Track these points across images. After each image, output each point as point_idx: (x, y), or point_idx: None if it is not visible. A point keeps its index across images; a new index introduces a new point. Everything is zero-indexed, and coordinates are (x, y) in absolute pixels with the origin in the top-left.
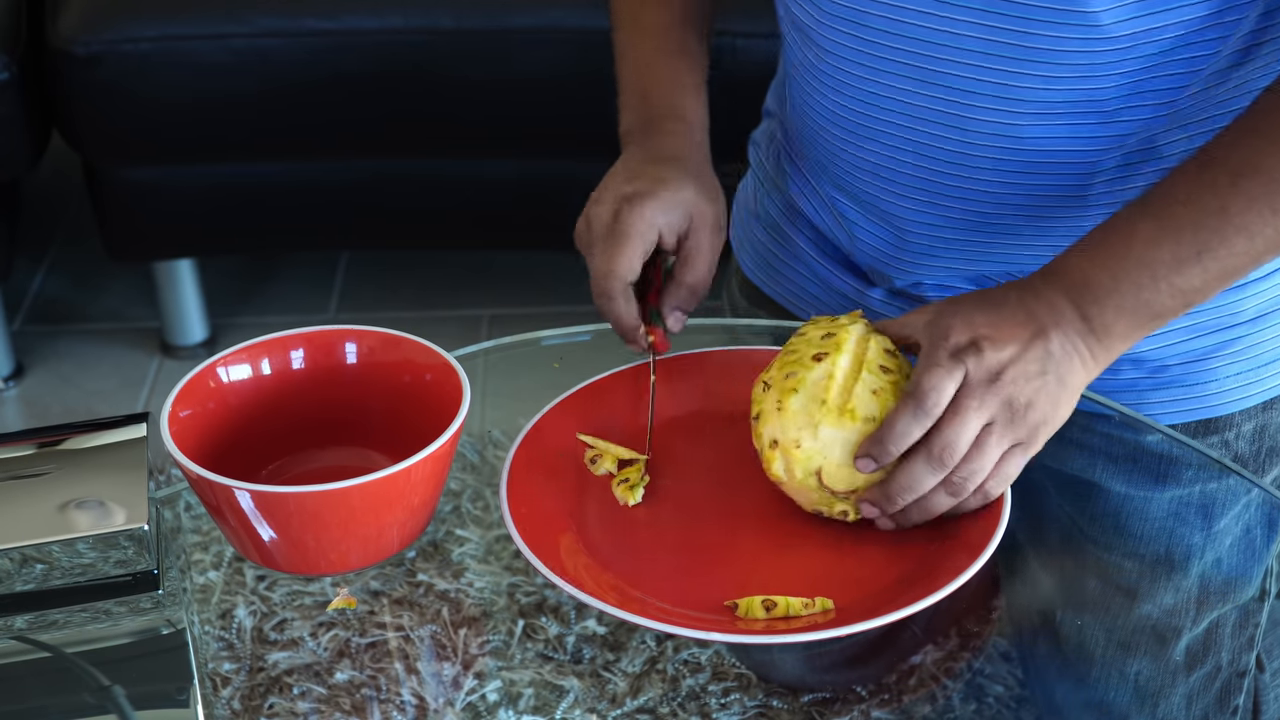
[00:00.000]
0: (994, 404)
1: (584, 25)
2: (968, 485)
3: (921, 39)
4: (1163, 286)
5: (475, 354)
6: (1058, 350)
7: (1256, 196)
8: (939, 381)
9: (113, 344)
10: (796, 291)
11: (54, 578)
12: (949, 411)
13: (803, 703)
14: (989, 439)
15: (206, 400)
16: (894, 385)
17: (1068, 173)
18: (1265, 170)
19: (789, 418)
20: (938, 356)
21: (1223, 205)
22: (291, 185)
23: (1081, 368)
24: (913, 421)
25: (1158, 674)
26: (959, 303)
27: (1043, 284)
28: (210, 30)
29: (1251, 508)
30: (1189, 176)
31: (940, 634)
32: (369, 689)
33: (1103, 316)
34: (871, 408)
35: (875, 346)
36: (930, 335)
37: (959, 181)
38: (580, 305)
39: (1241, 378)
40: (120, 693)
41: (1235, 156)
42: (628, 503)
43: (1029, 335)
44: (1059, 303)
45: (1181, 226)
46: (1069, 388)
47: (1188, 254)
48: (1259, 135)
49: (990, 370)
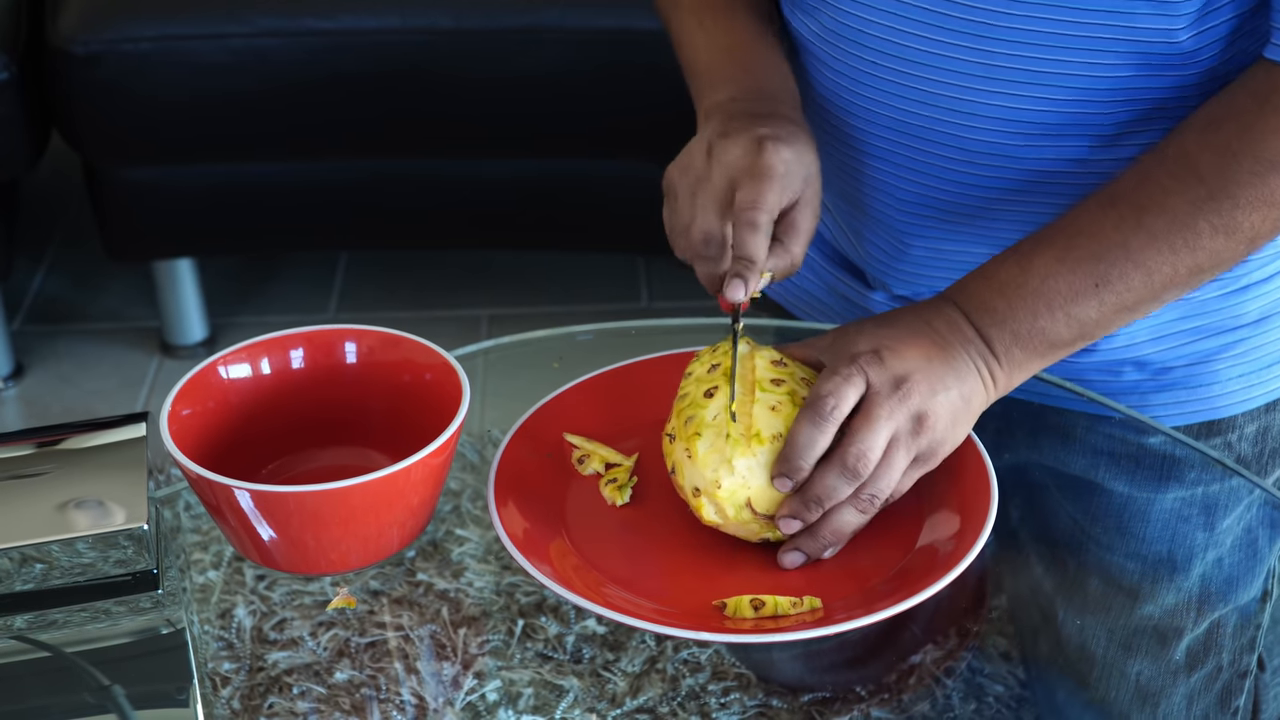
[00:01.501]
0: (902, 415)
1: (584, 25)
2: (876, 502)
3: (920, 61)
4: (1059, 316)
5: (475, 354)
6: (960, 366)
7: (1158, 234)
8: (836, 387)
9: (112, 344)
10: (799, 294)
11: (54, 577)
12: (860, 419)
13: (802, 702)
14: (896, 452)
15: (206, 400)
16: (790, 395)
17: (1067, 187)
18: (1169, 209)
19: (701, 462)
20: (836, 365)
21: (1124, 240)
22: (291, 185)
23: (983, 389)
24: (814, 431)
25: (1159, 674)
26: (862, 321)
27: (944, 303)
28: (210, 30)
29: (1253, 509)
30: (1094, 209)
31: (940, 633)
32: (369, 689)
33: (1002, 341)
34: (775, 425)
35: (761, 362)
36: (832, 349)
37: (960, 198)
38: (580, 305)
39: (1244, 380)
40: (120, 693)
41: (1141, 192)
42: (615, 503)
43: (932, 349)
44: (961, 323)
45: (1080, 258)
46: (970, 407)
47: (1084, 286)
48: (1164, 171)
49: (895, 377)
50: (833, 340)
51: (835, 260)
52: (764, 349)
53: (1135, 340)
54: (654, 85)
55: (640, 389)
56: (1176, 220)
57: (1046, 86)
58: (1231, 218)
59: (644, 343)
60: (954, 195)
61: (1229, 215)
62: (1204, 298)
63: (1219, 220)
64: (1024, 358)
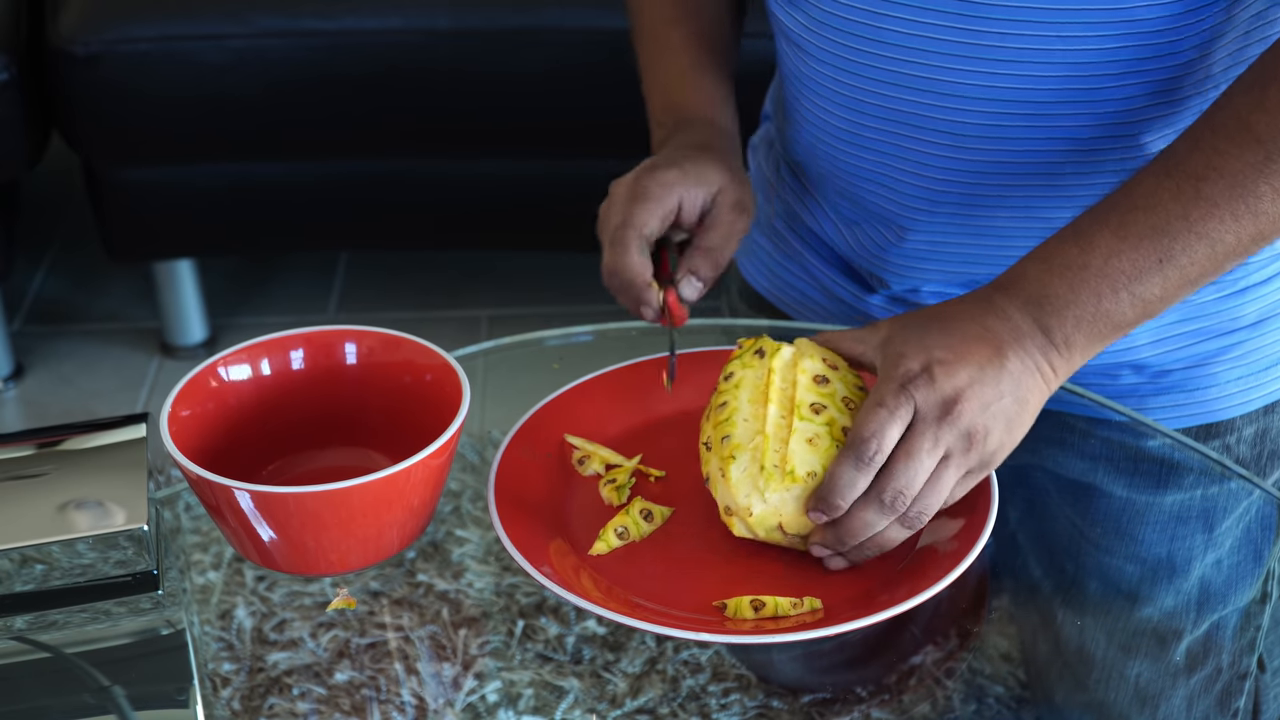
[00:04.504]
0: (949, 437)
1: (584, 25)
2: (924, 518)
3: (904, 44)
4: (1123, 296)
5: (475, 354)
6: (1016, 369)
7: (1219, 202)
8: (880, 427)
9: (112, 344)
10: (796, 296)
11: (54, 578)
12: (900, 452)
13: (803, 703)
14: (945, 471)
15: (206, 400)
16: (829, 426)
17: (1063, 173)
18: (1228, 174)
19: (734, 487)
20: (883, 394)
21: (1184, 211)
22: (291, 185)
23: (1043, 383)
24: (855, 474)
25: (1158, 676)
26: (912, 323)
27: (1000, 297)
28: (209, 30)
29: (1252, 511)
30: (1150, 181)
31: (940, 634)
32: (369, 689)
33: (1063, 329)
34: (810, 461)
35: (804, 378)
36: (883, 361)
37: (953, 185)
38: (580, 305)
39: (1242, 382)
40: (120, 693)
41: (1196, 160)
42: (615, 504)
43: (986, 355)
44: (1016, 317)
45: (1142, 234)
46: (1028, 407)
47: (1148, 262)
48: (1220, 137)
49: (944, 400)
50: (885, 340)
51: (832, 263)
52: (810, 351)
53: (1133, 343)
54: None
55: (641, 390)
56: (1236, 185)
57: (1034, 64)
58: None
59: (644, 343)
60: (947, 182)
61: None
62: (1202, 300)
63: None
64: (1086, 342)
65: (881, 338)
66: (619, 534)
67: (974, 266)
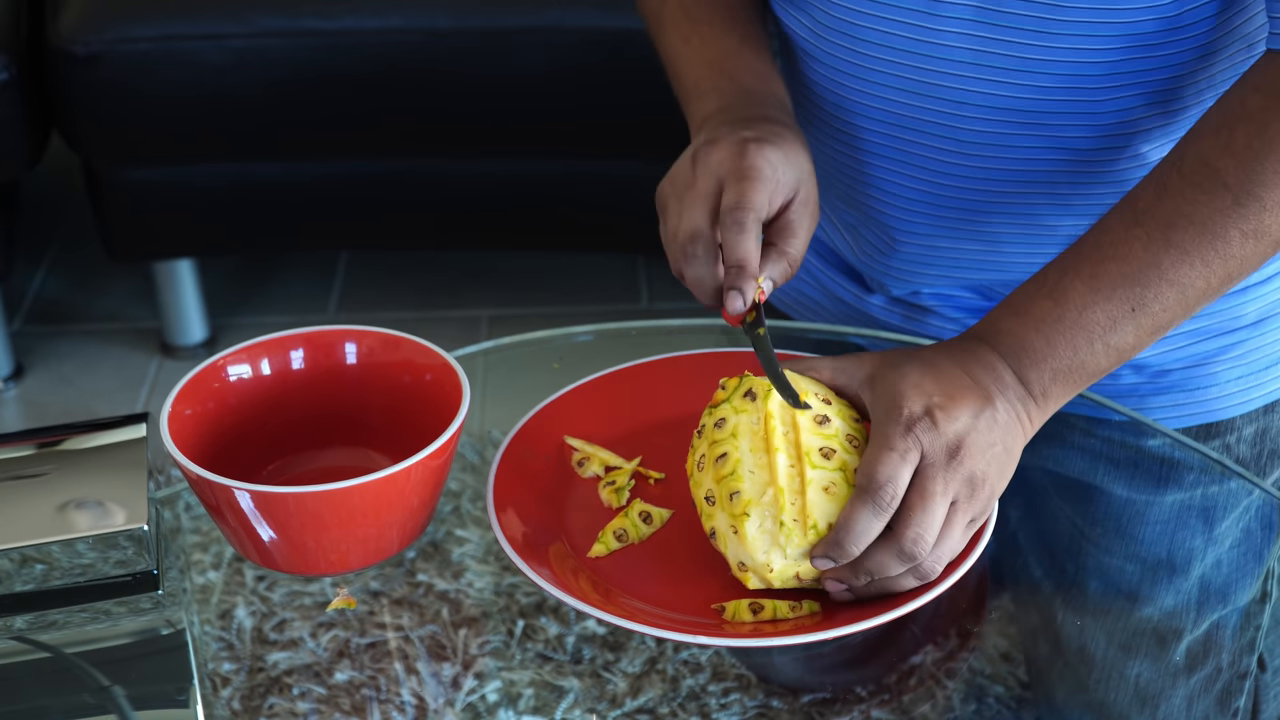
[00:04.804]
0: (957, 482)
1: (584, 25)
2: (937, 568)
3: (912, 50)
4: (1098, 346)
5: (475, 354)
6: (1004, 418)
7: (1189, 249)
8: (893, 472)
9: (112, 344)
10: (797, 297)
11: (54, 578)
12: (915, 498)
13: (803, 703)
14: (955, 519)
15: (206, 400)
16: (842, 469)
17: (1063, 181)
18: (1197, 221)
19: (752, 544)
20: (890, 437)
21: (1155, 260)
22: (291, 185)
23: (1022, 434)
24: (872, 519)
25: (1158, 676)
26: (899, 364)
27: (980, 347)
28: (210, 30)
29: (1252, 510)
30: (1119, 230)
31: (940, 634)
32: (369, 689)
33: (1040, 381)
34: (829, 511)
35: (806, 421)
36: (881, 403)
37: (954, 192)
38: (580, 305)
39: (1242, 381)
40: (120, 693)
41: (1165, 206)
42: (614, 506)
43: (979, 403)
44: (999, 367)
45: (1115, 284)
46: (1013, 456)
47: (1121, 312)
48: (1187, 183)
49: (949, 445)
50: (872, 378)
51: (832, 263)
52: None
53: None
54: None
55: (641, 392)
56: (1206, 231)
57: (1037, 74)
58: (1260, 221)
59: (644, 343)
60: (948, 189)
61: (1257, 219)
62: None
63: (1248, 226)
64: (1062, 393)
65: (867, 374)
66: (618, 536)
67: (973, 271)
